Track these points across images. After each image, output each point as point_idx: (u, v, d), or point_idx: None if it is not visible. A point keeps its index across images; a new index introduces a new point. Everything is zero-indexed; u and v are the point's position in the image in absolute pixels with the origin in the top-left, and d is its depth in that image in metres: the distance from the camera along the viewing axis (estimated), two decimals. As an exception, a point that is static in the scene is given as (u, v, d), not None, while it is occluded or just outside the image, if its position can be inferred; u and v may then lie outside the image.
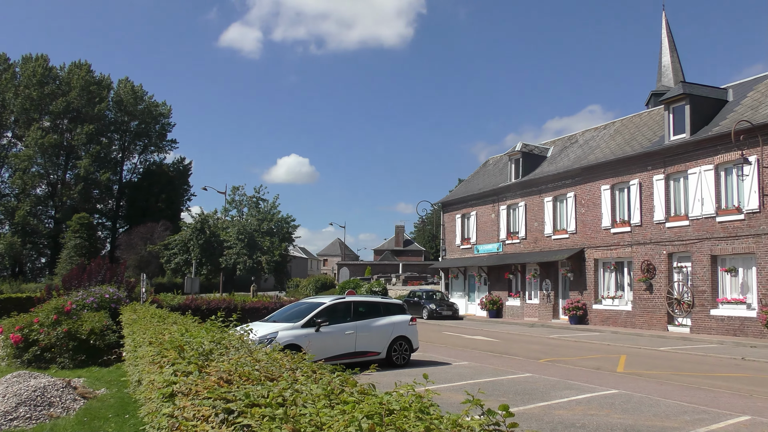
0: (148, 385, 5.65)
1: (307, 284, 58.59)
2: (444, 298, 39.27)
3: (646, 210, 27.53)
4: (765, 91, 24.95)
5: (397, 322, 15.93)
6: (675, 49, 44.92)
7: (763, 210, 22.50)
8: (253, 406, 3.11)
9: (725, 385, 12.87)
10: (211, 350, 5.47)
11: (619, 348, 20.48)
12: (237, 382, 3.85)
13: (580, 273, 30.99)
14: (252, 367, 4.33)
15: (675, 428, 8.75)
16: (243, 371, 4.06)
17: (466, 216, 41.66)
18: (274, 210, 67.75)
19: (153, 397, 4.97)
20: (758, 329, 22.14)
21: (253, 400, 3.18)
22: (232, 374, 4.03)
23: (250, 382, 3.79)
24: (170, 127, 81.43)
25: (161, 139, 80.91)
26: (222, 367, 4.31)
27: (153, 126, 79.34)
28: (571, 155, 34.46)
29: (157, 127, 79.89)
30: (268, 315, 17.33)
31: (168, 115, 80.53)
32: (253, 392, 3.30)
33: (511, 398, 10.84)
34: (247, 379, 3.91)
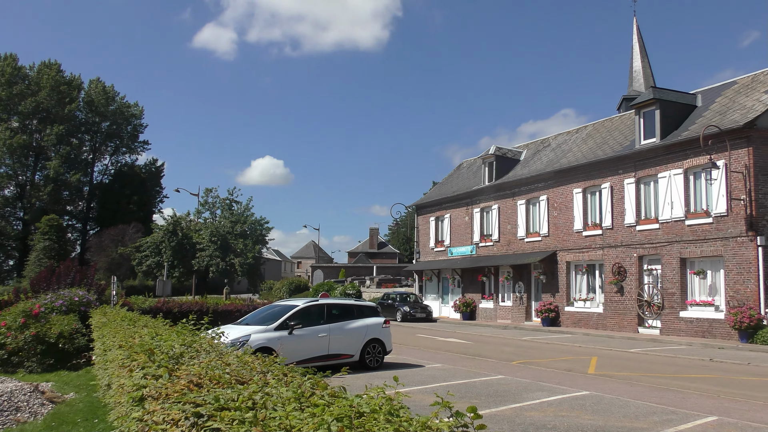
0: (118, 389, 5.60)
1: (280, 287, 58.36)
2: (418, 301, 39.35)
3: (617, 213, 27.89)
4: (733, 97, 25.44)
5: (371, 325, 15.94)
6: (646, 55, 45.61)
7: (731, 214, 22.92)
8: (222, 410, 3.10)
9: (694, 386, 13.08)
10: (182, 353, 5.42)
11: (590, 350, 20.70)
12: (207, 385, 3.83)
13: (553, 275, 31.28)
14: (222, 370, 4.31)
15: (644, 429, 8.86)
16: (213, 375, 4.04)
17: (440, 219, 41.82)
18: (247, 212, 67.47)
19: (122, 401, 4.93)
20: (726, 331, 22.53)
21: (222, 404, 3.17)
22: (203, 378, 4.01)
23: (221, 386, 3.77)
24: (142, 129, 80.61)
25: (133, 141, 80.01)
26: (192, 371, 4.28)
27: (125, 127, 78.42)
28: (544, 159, 34.78)
29: (129, 128, 78.99)
30: (241, 318, 17.25)
31: (140, 116, 79.68)
32: (223, 396, 3.29)
33: (483, 400, 10.90)
34: (217, 382, 3.90)
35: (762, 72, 25.82)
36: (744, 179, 22.46)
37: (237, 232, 63.81)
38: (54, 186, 70.35)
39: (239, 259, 61.57)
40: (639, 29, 46.10)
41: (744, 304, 21.96)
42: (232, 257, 61.50)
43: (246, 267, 62.52)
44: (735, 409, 10.50)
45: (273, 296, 51.63)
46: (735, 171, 22.68)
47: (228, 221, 65.01)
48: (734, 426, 9.11)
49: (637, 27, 45.99)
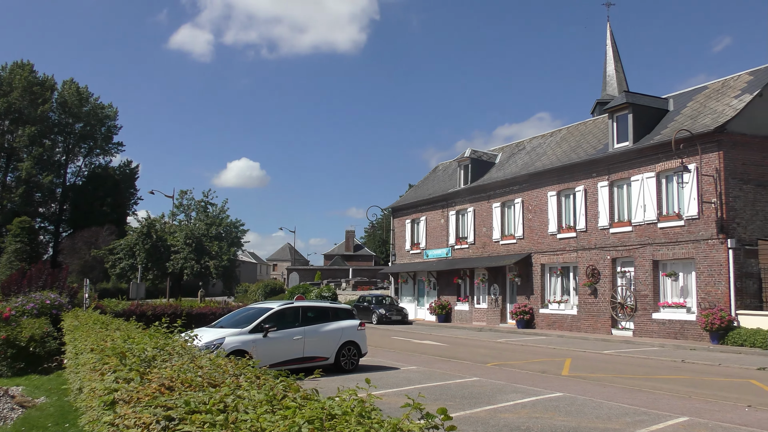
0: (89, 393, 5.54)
1: (256, 289, 58.00)
2: (393, 303, 39.37)
3: (591, 216, 28.17)
4: (704, 102, 25.85)
5: (346, 327, 15.92)
6: (619, 60, 46.15)
7: (702, 216, 23.27)
8: (193, 413, 3.08)
9: (665, 387, 13.25)
10: (154, 357, 5.39)
11: (564, 351, 20.88)
12: (179, 388, 3.81)
13: (527, 278, 31.50)
14: (195, 373, 4.28)
15: (616, 430, 8.97)
16: (185, 378, 4.02)
17: (415, 221, 41.91)
18: (222, 214, 67.00)
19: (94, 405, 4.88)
20: (698, 332, 22.86)
21: (193, 407, 3.15)
22: (174, 381, 3.99)
23: (192, 389, 3.75)
24: (117, 130, 79.58)
25: (107, 142, 78.98)
26: (164, 374, 4.26)
27: (98, 128, 77.38)
28: (519, 162, 35.03)
29: (103, 130, 77.96)
30: (215, 320, 17.12)
31: (114, 117, 78.72)
32: (194, 399, 3.27)
33: (458, 402, 10.94)
34: (189, 385, 3.88)
35: (732, 77, 26.27)
36: (715, 183, 22.82)
37: (212, 234, 63.32)
38: (26, 188, 69.22)
39: (214, 261, 61.07)
40: (612, 34, 46.66)
41: (715, 305, 22.30)
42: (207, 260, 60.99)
43: (221, 269, 62.04)
44: (705, 409, 10.66)
45: (248, 299, 51.29)
46: (706, 174, 23.04)
47: (203, 223, 64.50)
48: (704, 426, 9.25)
49: (610, 32, 46.55)
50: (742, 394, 12.24)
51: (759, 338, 20.42)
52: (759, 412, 10.43)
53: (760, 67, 25.53)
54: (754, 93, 23.67)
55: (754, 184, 23.22)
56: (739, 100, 23.99)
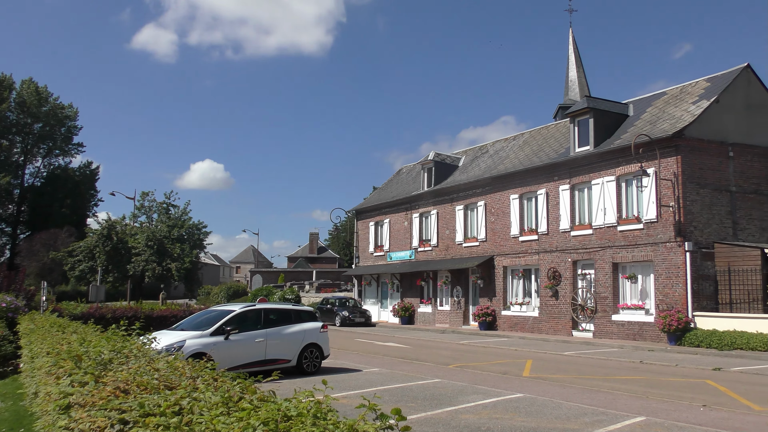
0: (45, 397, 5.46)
1: (218, 292, 57.53)
2: (357, 305, 39.36)
3: (553, 219, 28.54)
4: (663, 107, 26.41)
5: (308, 330, 15.88)
6: (581, 65, 46.83)
7: (661, 220, 23.75)
8: (147, 416, 3.05)
9: (624, 387, 13.47)
10: (111, 360, 5.31)
11: (525, 353, 21.09)
12: (134, 391, 3.77)
13: (490, 280, 31.77)
14: (151, 376, 4.24)
15: (575, 430, 9.09)
16: (141, 381, 3.97)
17: (379, 223, 41.97)
18: (185, 216, 66.37)
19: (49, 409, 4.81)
20: (656, 333, 23.31)
21: (148, 410, 3.12)
22: (130, 384, 3.94)
23: (148, 392, 3.71)
24: (77, 130, 77.95)
25: (67, 143, 77.36)
26: (120, 377, 4.20)
27: (58, 129, 75.76)
28: (482, 165, 35.33)
29: (63, 130, 76.32)
30: (176, 323, 16.91)
31: (74, 117, 77.14)
32: (149, 401, 3.24)
33: (419, 403, 10.98)
34: (145, 388, 3.83)
35: (690, 83, 26.90)
36: (673, 187, 23.31)
37: (174, 236, 62.64)
38: (-18, 189, 67.47)
39: (176, 263, 60.44)
40: (575, 40, 47.34)
41: (672, 307, 22.76)
42: (168, 262, 60.31)
43: (183, 272, 61.46)
44: (662, 409, 10.86)
45: (210, 301, 50.84)
46: (664, 179, 23.52)
47: (165, 225, 63.81)
48: (661, 426, 9.42)
49: (572, 38, 47.22)
50: (697, 394, 12.51)
51: (715, 339, 20.91)
52: (714, 412, 10.67)
53: (717, 74, 26.19)
54: (711, 99, 24.26)
55: (711, 189, 23.79)
56: (696, 106, 24.57)
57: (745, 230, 24.30)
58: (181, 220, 65.64)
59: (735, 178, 24.38)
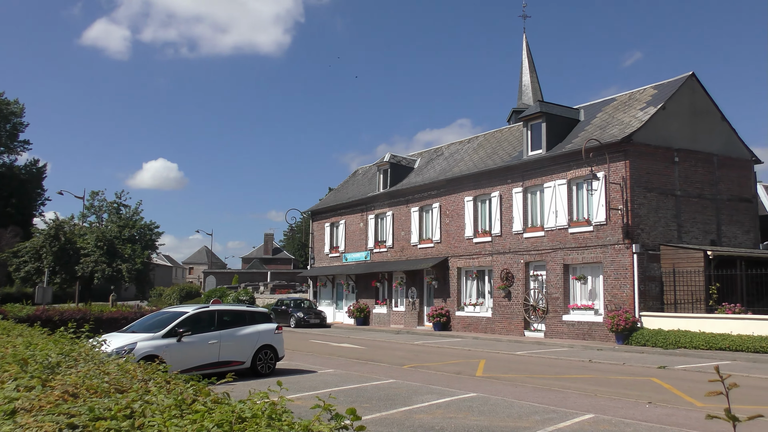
0: (-12, 403, 5.29)
1: (170, 293, 56.63)
2: (312, 307, 39.25)
3: (506, 221, 28.93)
4: (612, 113, 27.04)
5: (263, 331, 15.78)
6: (534, 70, 47.61)
7: (610, 222, 24.31)
8: (98, 420, 3.01)
9: (574, 386, 13.75)
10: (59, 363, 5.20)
11: (479, 353, 21.33)
12: (84, 395, 3.70)
13: (444, 281, 32.03)
14: (101, 379, 4.17)
15: (526, 428, 9.25)
16: (91, 384, 3.90)
17: (335, 224, 41.91)
18: (136, 216, 65.13)
19: (-8, 415, 4.67)
20: (604, 333, 23.84)
21: (98, 414, 3.07)
22: (79, 387, 3.87)
23: (98, 395, 3.66)
24: (23, 128, 75.65)
25: (12, 140, 75.01)
26: (68, 381, 4.12)
27: (3, 125, 73.37)
28: (437, 167, 35.60)
29: (8, 127, 74.04)
30: (127, 325, 16.62)
31: (20, 114, 74.86)
32: (99, 405, 3.19)
33: (374, 404, 11.02)
34: (94, 392, 3.77)
35: (638, 90, 27.60)
36: (621, 190, 23.88)
37: (125, 236, 61.38)
38: None
39: (127, 264, 59.20)
40: (528, 45, 48.14)
41: (620, 307, 23.32)
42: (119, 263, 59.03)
43: (134, 273, 60.24)
44: (610, 406, 11.12)
45: (163, 303, 50.02)
46: (613, 182, 24.08)
47: (115, 225, 62.46)
48: (608, 423, 9.66)
49: (526, 43, 47.97)
50: (643, 392, 12.85)
51: (660, 338, 21.50)
52: (658, 408, 10.98)
53: (663, 82, 26.95)
54: (657, 106, 24.94)
55: (657, 192, 24.45)
56: (644, 112, 25.23)
57: (689, 233, 25.06)
58: (132, 220, 64.36)
59: (680, 183, 25.13)
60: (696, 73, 26.41)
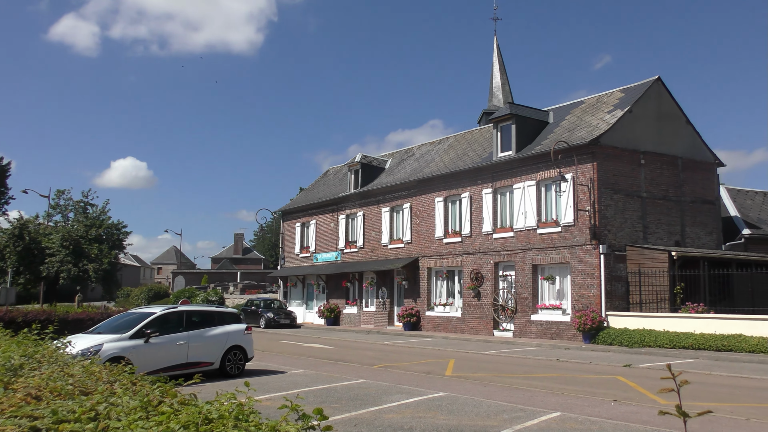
0: (-53, 406, 5.19)
1: (138, 293, 55.96)
2: (282, 307, 39.11)
3: (476, 222, 29.13)
4: (580, 115, 27.41)
5: (232, 332, 15.68)
6: (505, 72, 48.04)
7: (577, 223, 24.63)
8: (61, 422, 2.98)
9: (541, 384, 13.90)
10: (22, 365, 5.13)
11: (448, 353, 21.45)
12: (47, 397, 3.66)
13: (415, 281, 32.14)
14: (65, 381, 4.12)
15: (494, 426, 9.33)
16: (54, 386, 3.86)
17: (305, 225, 41.79)
18: (104, 216, 64.22)
19: (-48, 418, 4.58)
20: (572, 332, 24.15)
21: (61, 416, 3.04)
22: (42, 390, 3.82)
23: (62, 398, 3.62)
24: (-15, 124, 74.34)
25: (-26, 136, 73.59)
26: (31, 383, 4.06)
27: (-36, 121, 71.99)
28: (408, 168, 35.72)
29: (-30, 123, 72.62)
30: (93, 326, 16.38)
31: (-17, 109, 73.46)
32: (63, 408, 3.16)
33: (344, 404, 11.03)
34: (58, 394, 3.73)
35: (606, 93, 28.02)
36: (589, 192, 24.21)
37: (92, 236, 60.47)
38: None
39: (93, 264, 58.38)
40: (499, 47, 48.54)
41: (587, 307, 23.64)
42: (85, 263, 58.19)
43: (101, 273, 59.43)
44: (576, 405, 11.27)
45: (130, 303, 49.43)
46: (581, 184, 24.41)
47: (82, 225, 61.50)
48: (575, 420, 9.79)
49: (497, 45, 48.38)
50: (609, 390, 13.05)
51: (626, 337, 21.85)
52: (623, 406, 11.17)
53: (630, 85, 27.39)
54: (624, 109, 25.35)
55: (624, 194, 24.85)
56: (611, 115, 25.62)
57: (654, 234, 25.51)
58: (99, 219, 63.45)
59: (646, 185, 25.56)
60: (662, 78, 26.91)
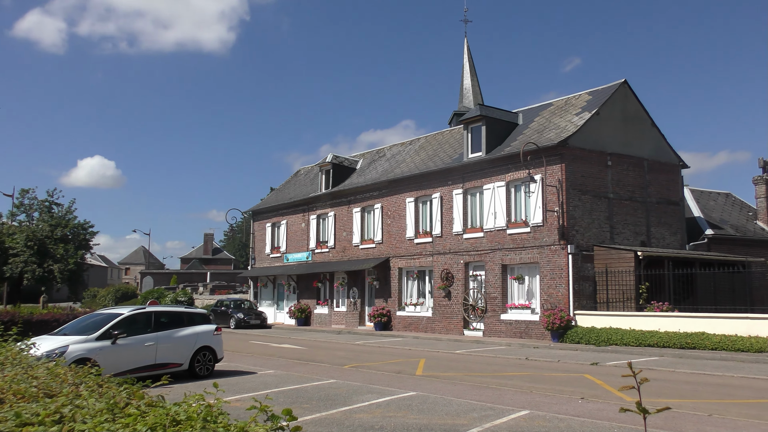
0: None
1: (105, 294, 55.19)
2: (252, 307, 38.89)
3: (446, 222, 29.28)
4: (549, 117, 27.71)
5: (201, 332, 15.56)
6: (475, 74, 48.35)
7: (546, 224, 24.90)
8: (25, 425, 2.93)
9: (510, 383, 14.03)
10: (-16, 368, 5.03)
11: (419, 352, 21.52)
12: (10, 400, 3.60)
13: (386, 281, 32.19)
14: (29, 383, 4.06)
15: (464, 425, 9.40)
16: (18, 389, 3.80)
17: (276, 225, 41.60)
18: (70, 215, 63.22)
19: None
20: (540, 331, 24.41)
21: (24, 419, 3.00)
22: (5, 392, 3.76)
23: (26, 400, 3.56)
24: (-53, 121, 72.65)
25: (-65, 134, 71.92)
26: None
27: (-75, 118, 70.29)
28: (379, 168, 35.76)
29: (-69, 120, 70.93)
30: (59, 328, 16.12)
31: (-56, 106, 71.81)
32: (26, 410, 3.11)
33: (314, 404, 11.01)
34: (22, 396, 3.67)
35: (574, 96, 28.37)
36: (557, 193, 24.49)
37: (57, 236, 59.50)
38: None
39: (59, 265, 57.46)
40: (470, 49, 48.84)
41: (556, 306, 23.92)
42: (50, 263, 57.25)
43: (67, 274, 58.52)
44: (545, 402, 11.40)
45: (97, 304, 48.71)
46: (550, 185, 24.68)
47: (47, 225, 60.46)
48: (543, 418, 9.91)
49: (467, 47, 48.67)
50: (577, 388, 13.22)
51: (593, 336, 22.15)
52: (590, 404, 11.33)
53: (598, 88, 27.77)
54: (592, 111, 25.70)
55: (591, 195, 25.19)
56: (579, 117, 25.95)
57: (621, 234, 25.90)
58: (65, 219, 62.43)
59: (612, 186, 25.95)
60: (629, 81, 27.35)
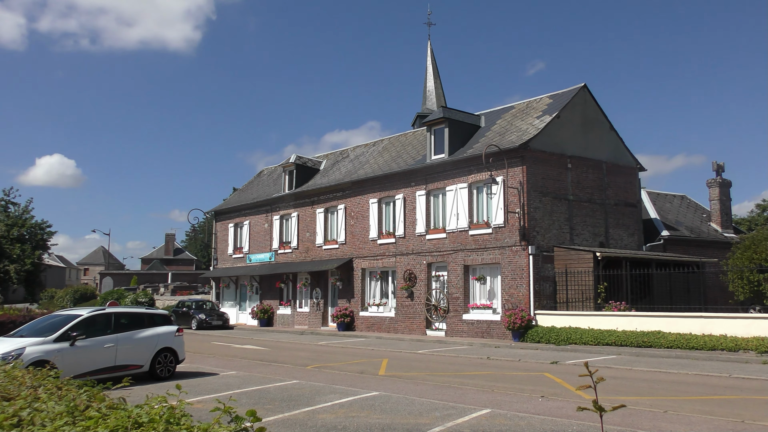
0: None
1: (63, 295, 54.15)
2: (214, 308, 38.54)
3: (410, 223, 29.44)
4: (511, 120, 28.07)
5: (162, 334, 15.42)
6: (438, 76, 48.67)
7: (507, 225, 25.22)
8: (-17, 429, 2.93)
9: (472, 382, 14.21)
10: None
11: (382, 352, 21.62)
12: (-32, 404, 3.57)
13: (349, 282, 32.22)
14: (-13, 387, 4.02)
15: (426, 424, 9.51)
16: (-24, 392, 3.76)
17: (239, 225, 41.31)
18: (26, 215, 61.86)
19: None
20: (502, 331, 24.71)
21: (-17, 423, 2.99)
22: (-37, 396, 3.72)
23: (-16, 404, 3.53)
24: None
25: None
26: (-50, 389, 3.95)
27: None
28: (343, 169, 35.78)
29: None
30: (15, 329, 15.82)
31: None
32: (-15, 414, 3.09)
33: (277, 405, 11.02)
34: (-20, 400, 3.64)
35: (535, 99, 28.79)
36: (519, 194, 24.83)
37: (13, 236, 58.20)
38: None
39: (15, 265, 56.23)
40: (433, 52, 49.12)
41: (517, 306, 24.24)
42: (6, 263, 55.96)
43: (23, 274, 57.31)
44: (506, 401, 11.59)
45: (55, 306, 47.76)
46: (512, 187, 25.01)
47: (3, 224, 59.08)
48: (504, 416, 10.08)
49: (431, 50, 48.95)
50: (537, 386, 13.46)
51: (553, 335, 22.53)
52: (550, 402, 11.55)
53: (558, 92, 28.23)
54: (552, 115, 26.12)
55: (552, 197, 25.60)
56: (540, 120, 26.35)
57: (580, 235, 26.38)
58: (22, 218, 61.09)
59: (572, 188, 26.42)
60: (590, 85, 27.92)
